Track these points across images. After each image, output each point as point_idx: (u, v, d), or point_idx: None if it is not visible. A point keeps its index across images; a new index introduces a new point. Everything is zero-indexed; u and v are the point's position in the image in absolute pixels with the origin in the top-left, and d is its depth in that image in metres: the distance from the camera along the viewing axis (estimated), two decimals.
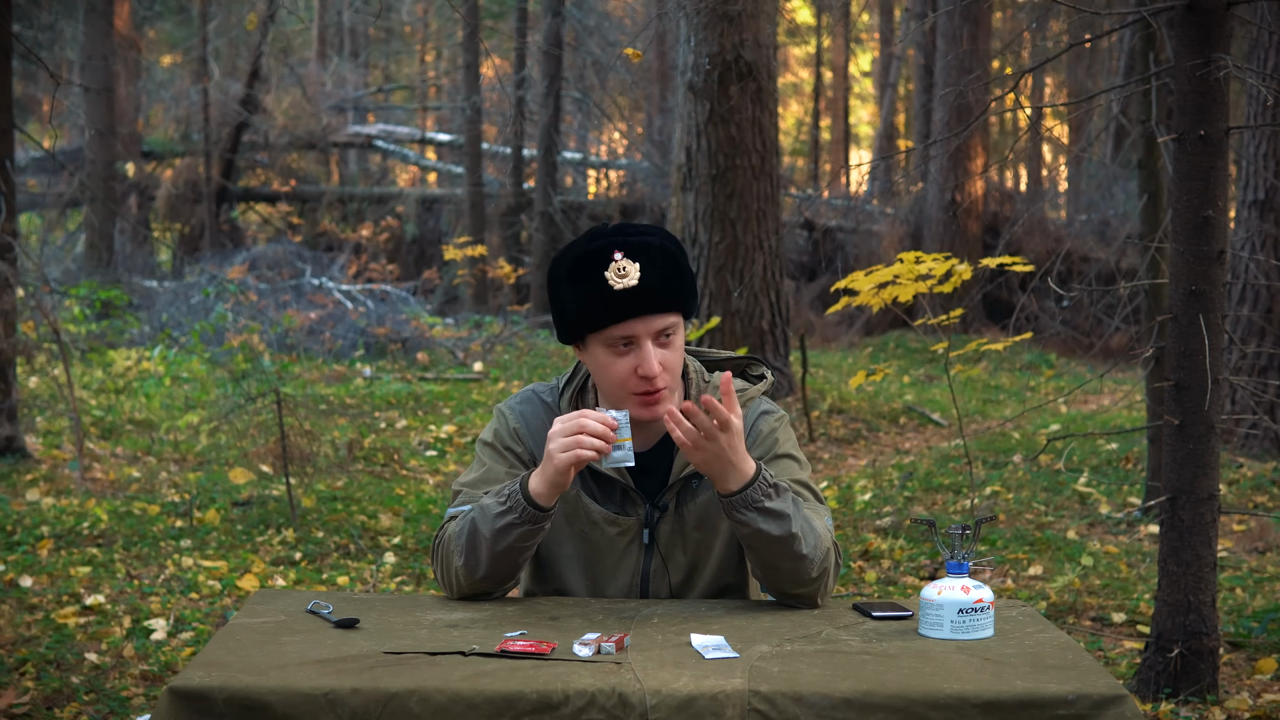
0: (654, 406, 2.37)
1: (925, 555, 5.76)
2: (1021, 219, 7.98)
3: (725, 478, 2.28)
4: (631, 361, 2.35)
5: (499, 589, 2.41)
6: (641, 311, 2.32)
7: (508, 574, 2.38)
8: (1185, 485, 3.82)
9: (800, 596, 2.35)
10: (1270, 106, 6.82)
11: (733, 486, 2.28)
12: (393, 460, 7.70)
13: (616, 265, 2.32)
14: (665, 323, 2.35)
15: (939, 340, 5.98)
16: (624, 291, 2.31)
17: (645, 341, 2.34)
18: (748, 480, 2.28)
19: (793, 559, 2.30)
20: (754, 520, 2.28)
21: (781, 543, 2.29)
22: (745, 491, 2.28)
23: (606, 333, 2.34)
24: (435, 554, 2.43)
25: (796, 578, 2.32)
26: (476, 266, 15.52)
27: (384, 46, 24.29)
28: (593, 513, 2.45)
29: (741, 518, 2.29)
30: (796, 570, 2.31)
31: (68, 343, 8.19)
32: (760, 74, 8.99)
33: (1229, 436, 7.38)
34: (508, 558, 2.35)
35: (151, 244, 16.63)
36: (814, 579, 2.33)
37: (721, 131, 9.02)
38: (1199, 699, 3.86)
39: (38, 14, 14.37)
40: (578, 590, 2.48)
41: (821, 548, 2.33)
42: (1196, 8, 3.70)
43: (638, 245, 2.34)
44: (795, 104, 26.09)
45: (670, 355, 2.37)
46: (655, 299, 2.33)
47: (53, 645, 4.33)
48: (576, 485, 2.45)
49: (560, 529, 2.47)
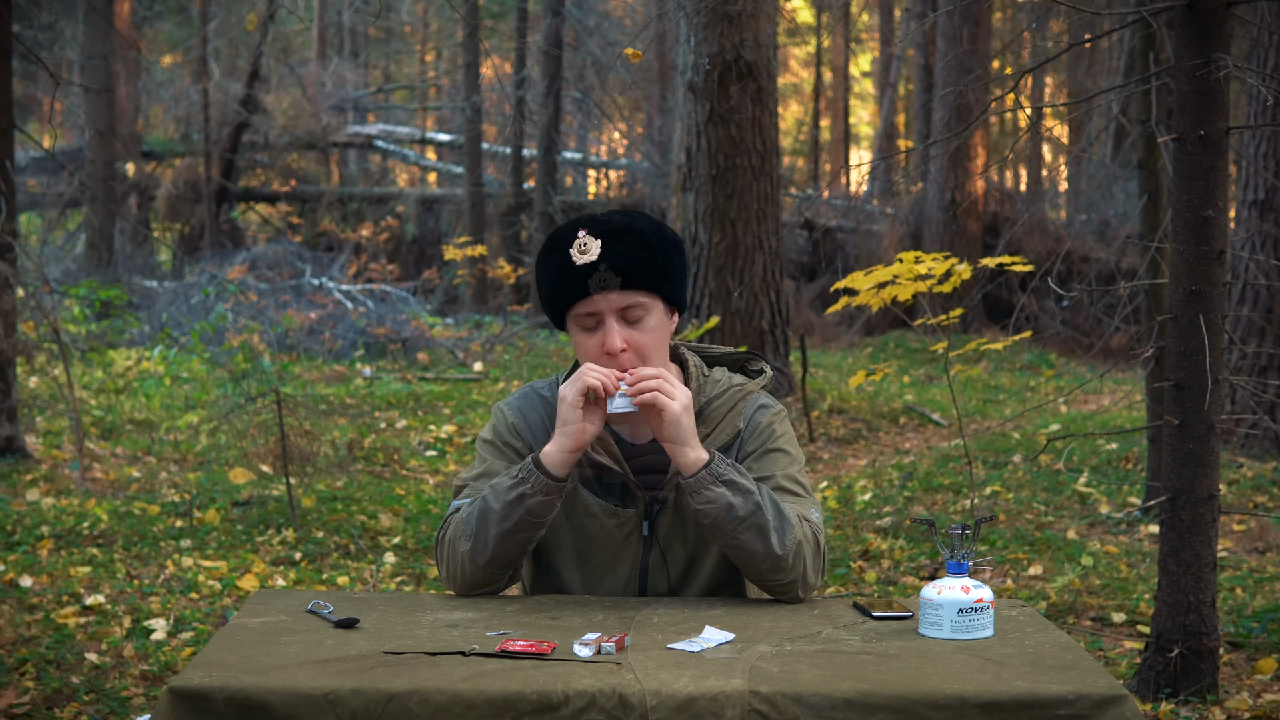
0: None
1: (925, 555, 5.76)
2: (1021, 219, 7.98)
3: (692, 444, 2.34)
4: (599, 339, 2.39)
5: (503, 576, 2.41)
6: (602, 287, 2.37)
7: (513, 556, 2.38)
8: (1185, 485, 3.82)
9: (780, 586, 2.37)
10: (1270, 106, 6.82)
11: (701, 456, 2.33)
12: (393, 460, 7.70)
13: (579, 241, 2.38)
14: (629, 300, 2.38)
15: (939, 340, 5.98)
16: (584, 266, 2.36)
17: (608, 318, 2.38)
18: (710, 457, 2.35)
19: (763, 542, 2.31)
20: (721, 496, 2.31)
21: (750, 520, 2.31)
22: (711, 465, 2.33)
23: (574, 310, 2.41)
24: (439, 548, 2.44)
25: (771, 563, 2.33)
26: (476, 266, 15.52)
27: (384, 46, 24.29)
28: (591, 506, 2.46)
29: (711, 494, 2.31)
30: (769, 556, 2.32)
31: (68, 343, 8.19)
32: (760, 74, 8.98)
33: (1229, 436, 7.38)
34: (515, 536, 2.35)
35: (151, 244, 16.63)
36: (787, 562, 2.33)
37: (721, 131, 9.01)
38: (1199, 699, 3.86)
39: (38, 14, 14.37)
40: (575, 585, 2.49)
41: (792, 533, 2.34)
42: (1196, 8, 3.70)
43: (602, 222, 2.40)
44: (795, 104, 26.10)
45: (638, 335, 2.40)
46: (615, 275, 2.36)
47: (53, 645, 4.33)
48: (575, 480, 2.46)
49: (559, 524, 2.47)
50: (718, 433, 2.47)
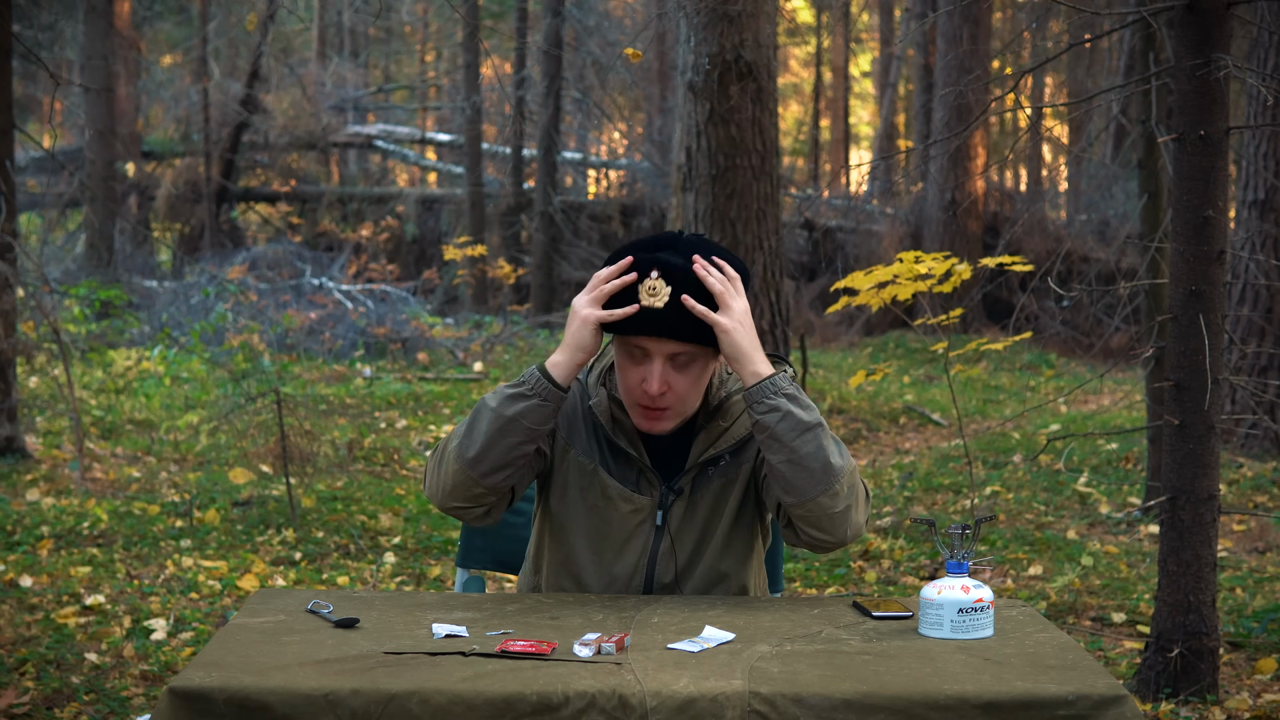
0: (652, 422, 2.42)
1: (925, 555, 5.76)
2: (1021, 219, 7.99)
3: (753, 358, 2.33)
4: (642, 372, 2.39)
5: (483, 490, 2.38)
6: (660, 334, 2.36)
7: (499, 462, 2.36)
8: (1185, 485, 3.82)
9: (829, 516, 2.32)
10: (1270, 106, 6.82)
11: (763, 370, 2.33)
12: (393, 460, 7.70)
13: (650, 284, 2.35)
14: (681, 349, 2.37)
15: (939, 340, 5.98)
16: (647, 309, 2.35)
17: (656, 360, 2.37)
18: (773, 370, 2.35)
19: (822, 455, 2.30)
20: (783, 405, 2.30)
21: (811, 432, 2.30)
22: (774, 377, 2.33)
23: (625, 338, 2.39)
24: (432, 457, 2.44)
25: (827, 481, 2.30)
26: (476, 266, 15.52)
27: (384, 46, 24.28)
28: (609, 487, 2.47)
29: (773, 402, 2.31)
30: (827, 472, 2.30)
31: (68, 343, 8.18)
32: (760, 74, 8.98)
33: (1229, 436, 7.38)
34: (505, 438, 2.34)
35: (151, 244, 16.62)
36: (843, 480, 2.31)
37: (721, 131, 9.01)
38: (1199, 699, 3.86)
39: (38, 14, 14.36)
40: (589, 564, 2.49)
41: (848, 455, 2.35)
42: (1196, 8, 3.70)
43: (679, 271, 2.35)
44: (795, 104, 26.09)
45: (681, 380, 2.39)
46: (676, 327, 2.35)
47: (53, 645, 4.33)
48: (595, 459, 2.47)
49: (575, 501, 2.49)
50: (737, 425, 2.48)
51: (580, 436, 2.50)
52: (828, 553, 2.47)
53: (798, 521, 2.37)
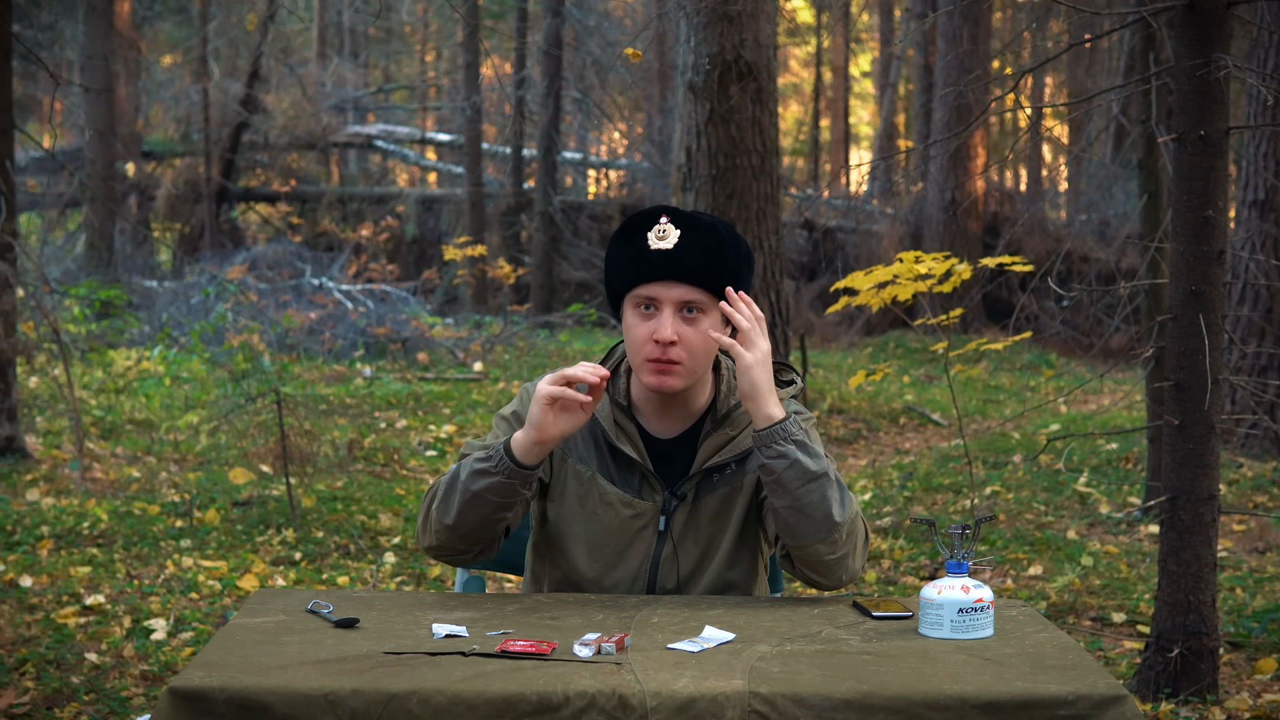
0: (664, 377, 2.40)
1: (925, 555, 5.76)
2: (1021, 219, 7.98)
3: (768, 400, 2.34)
4: (652, 326, 2.39)
5: (465, 547, 2.42)
6: (669, 276, 2.37)
7: (475, 529, 2.39)
8: (1185, 485, 3.82)
9: (827, 563, 2.34)
10: (1270, 106, 6.82)
11: (775, 414, 2.33)
12: (393, 460, 7.70)
13: (659, 227, 2.40)
14: (690, 295, 2.38)
15: (939, 340, 5.97)
16: (658, 252, 2.38)
17: (666, 307, 2.38)
18: (785, 415, 2.35)
19: (824, 506, 2.31)
20: (791, 452, 2.31)
21: (816, 481, 2.31)
22: (784, 423, 2.33)
23: (634, 292, 2.40)
24: (426, 496, 2.47)
25: (825, 530, 2.31)
26: (476, 266, 15.52)
27: (384, 46, 24.29)
28: (608, 494, 2.46)
29: (782, 449, 2.31)
30: (827, 522, 2.31)
31: (68, 343, 8.19)
32: (760, 74, 8.98)
33: (1229, 436, 7.38)
34: (475, 510, 2.36)
35: (151, 244, 16.62)
36: (843, 531, 2.32)
37: (721, 131, 9.01)
38: (1199, 699, 3.86)
39: (38, 14, 14.37)
40: (585, 571, 2.49)
41: (851, 505, 2.35)
42: (1196, 8, 3.70)
43: (686, 216, 2.42)
44: (795, 104, 26.09)
45: (692, 334, 2.39)
46: (685, 268, 2.37)
47: (53, 645, 4.33)
48: (593, 466, 2.47)
49: (572, 510, 2.48)
50: (744, 436, 2.47)
51: (578, 444, 2.49)
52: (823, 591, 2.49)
53: (795, 559, 2.40)
